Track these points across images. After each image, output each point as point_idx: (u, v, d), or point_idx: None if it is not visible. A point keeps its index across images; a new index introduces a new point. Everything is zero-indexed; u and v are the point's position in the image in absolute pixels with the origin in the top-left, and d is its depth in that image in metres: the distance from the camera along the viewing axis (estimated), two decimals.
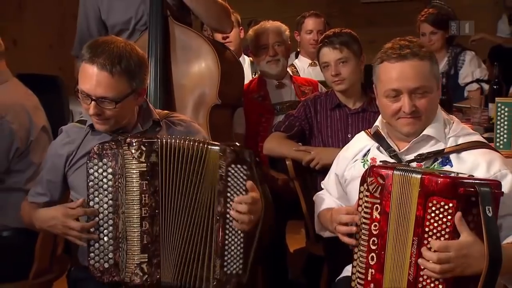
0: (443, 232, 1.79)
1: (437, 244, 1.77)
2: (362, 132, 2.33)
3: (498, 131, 3.11)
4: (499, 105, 3.11)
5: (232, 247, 2.18)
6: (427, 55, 2.08)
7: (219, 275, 2.17)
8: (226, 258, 2.17)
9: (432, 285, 1.81)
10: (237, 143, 2.27)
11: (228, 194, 2.16)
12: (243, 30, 4.49)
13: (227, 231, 2.17)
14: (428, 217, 1.81)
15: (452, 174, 1.85)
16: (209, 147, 2.18)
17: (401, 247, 1.88)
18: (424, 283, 1.82)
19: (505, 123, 3.09)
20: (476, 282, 1.76)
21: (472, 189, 1.77)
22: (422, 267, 1.81)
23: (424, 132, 2.10)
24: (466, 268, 1.77)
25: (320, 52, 3.16)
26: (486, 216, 1.75)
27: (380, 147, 2.19)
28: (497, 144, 3.09)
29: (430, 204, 1.81)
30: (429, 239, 1.80)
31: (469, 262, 1.77)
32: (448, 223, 1.78)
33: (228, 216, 2.16)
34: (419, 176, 1.84)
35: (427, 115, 2.09)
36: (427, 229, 1.81)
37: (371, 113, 3.10)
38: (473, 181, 1.80)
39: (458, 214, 1.75)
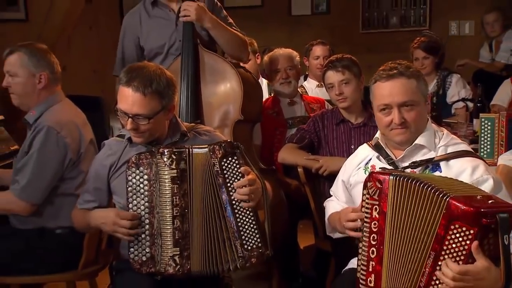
0: (459, 253, 1.73)
1: (457, 269, 1.71)
2: (365, 144, 2.33)
3: (482, 142, 3.12)
4: (483, 120, 3.12)
5: (246, 227, 2.20)
6: (414, 74, 2.10)
7: (242, 253, 2.19)
8: (243, 237, 2.19)
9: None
10: (223, 140, 2.31)
11: (228, 184, 2.18)
12: (259, 56, 4.52)
13: (237, 215, 2.20)
14: (448, 237, 1.75)
15: (479, 197, 1.77)
16: (200, 151, 2.21)
17: (411, 252, 1.84)
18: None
19: (488, 135, 3.10)
20: None
21: (493, 219, 1.68)
22: (434, 278, 1.77)
23: (416, 142, 2.11)
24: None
25: (325, 75, 3.18)
26: (503, 245, 1.69)
27: (380, 156, 2.19)
28: (482, 153, 3.08)
29: (452, 227, 1.74)
30: (446, 256, 1.75)
31: (483, 285, 1.71)
32: (466, 247, 1.72)
33: (234, 202, 2.19)
34: (447, 199, 1.75)
35: (416, 125, 2.09)
36: (445, 247, 1.76)
37: (371, 127, 3.09)
38: (494, 209, 1.70)
39: (475, 243, 1.69)
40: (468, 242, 1.71)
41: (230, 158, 2.19)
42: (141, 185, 2.19)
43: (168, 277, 2.18)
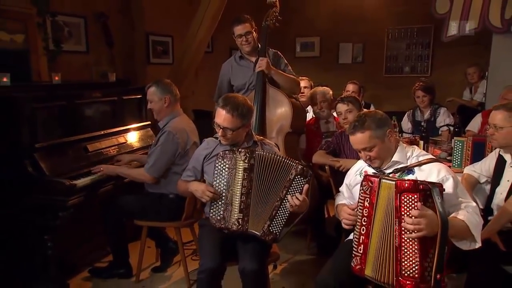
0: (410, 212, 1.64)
1: (416, 213, 1.61)
2: (360, 160, 2.17)
3: (454, 157, 2.90)
4: (456, 141, 2.90)
5: (279, 218, 2.12)
6: (367, 127, 1.91)
7: (266, 230, 2.12)
8: (273, 222, 2.11)
9: (410, 244, 1.63)
10: (305, 164, 2.17)
11: (289, 190, 2.09)
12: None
13: (280, 209, 2.11)
14: (402, 205, 1.65)
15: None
16: (287, 161, 2.11)
17: (387, 226, 1.71)
18: (406, 244, 1.65)
19: (459, 152, 2.87)
20: (435, 242, 1.62)
21: (427, 186, 1.63)
22: (404, 235, 1.64)
23: (392, 159, 1.96)
24: (432, 229, 1.60)
25: (336, 106, 3.06)
26: (437, 202, 1.62)
27: (370, 165, 2.04)
28: (454, 164, 2.87)
29: (403, 198, 1.65)
30: (405, 218, 1.64)
31: (432, 226, 1.60)
32: (416, 208, 1.62)
33: (284, 201, 2.09)
34: (393, 182, 1.70)
35: (381, 156, 1.94)
36: (403, 213, 1.65)
37: None
38: (427, 183, 1.66)
39: (419, 203, 1.62)
40: (415, 203, 1.63)
41: (302, 178, 2.08)
42: (223, 171, 2.15)
43: (232, 232, 2.15)
